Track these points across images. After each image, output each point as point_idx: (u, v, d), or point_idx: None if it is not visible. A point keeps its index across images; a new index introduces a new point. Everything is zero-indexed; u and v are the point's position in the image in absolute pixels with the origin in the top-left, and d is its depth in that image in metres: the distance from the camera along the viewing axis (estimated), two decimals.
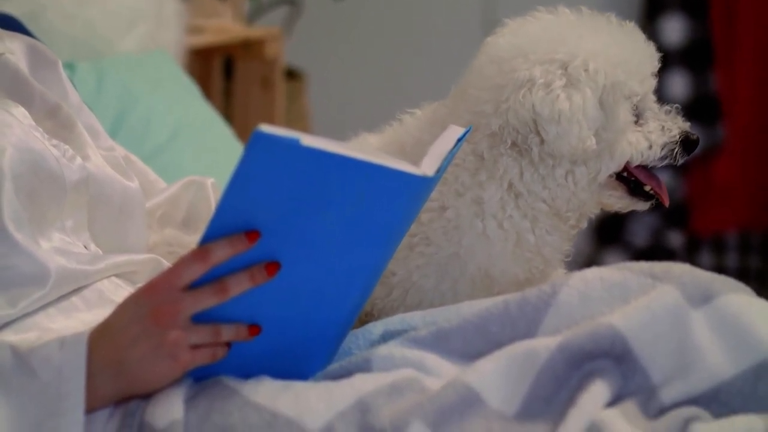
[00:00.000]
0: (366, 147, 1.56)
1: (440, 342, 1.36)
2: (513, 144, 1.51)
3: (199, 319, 1.29)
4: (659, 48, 1.56)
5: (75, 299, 1.44)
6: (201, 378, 1.34)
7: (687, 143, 1.54)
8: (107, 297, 1.45)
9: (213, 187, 1.73)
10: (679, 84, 3.84)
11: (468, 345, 1.35)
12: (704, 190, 3.91)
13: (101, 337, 1.31)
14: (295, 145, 1.22)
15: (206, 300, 1.28)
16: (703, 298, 1.32)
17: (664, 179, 1.58)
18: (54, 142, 1.49)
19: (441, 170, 1.31)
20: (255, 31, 3.35)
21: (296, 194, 1.25)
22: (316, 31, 4.00)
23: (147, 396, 1.33)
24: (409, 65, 4.05)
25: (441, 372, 1.33)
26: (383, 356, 1.35)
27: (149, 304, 1.29)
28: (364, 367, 1.34)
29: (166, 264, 1.54)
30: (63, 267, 1.42)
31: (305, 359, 1.36)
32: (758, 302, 1.33)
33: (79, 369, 1.29)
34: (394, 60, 4.08)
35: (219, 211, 1.26)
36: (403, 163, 1.28)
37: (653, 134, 1.53)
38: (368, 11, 4.08)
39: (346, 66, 4.09)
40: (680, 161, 1.54)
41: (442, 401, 1.27)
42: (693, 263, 1.37)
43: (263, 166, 1.23)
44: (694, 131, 1.55)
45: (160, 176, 1.78)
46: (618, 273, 1.36)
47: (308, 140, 1.22)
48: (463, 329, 1.35)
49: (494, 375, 1.29)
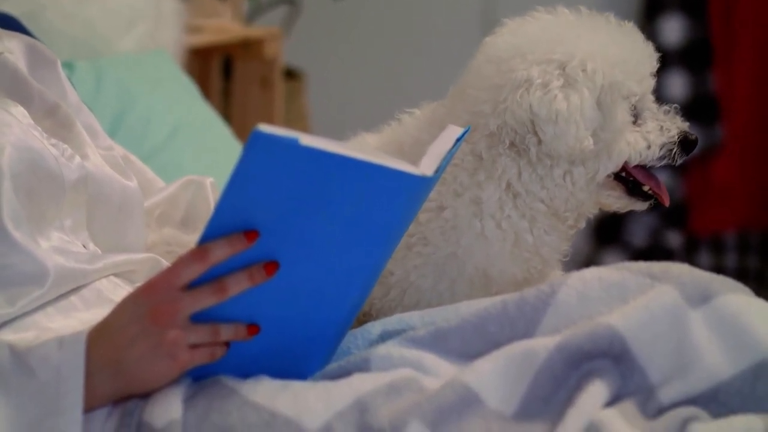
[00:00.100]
0: (365, 147, 1.55)
1: (439, 342, 1.36)
2: (511, 144, 1.51)
3: (198, 319, 1.29)
4: (658, 48, 1.56)
5: (74, 298, 1.44)
6: (200, 377, 1.34)
7: (686, 143, 1.54)
8: (106, 296, 1.45)
9: (212, 187, 1.73)
10: (678, 84, 3.84)
11: (466, 345, 1.35)
12: (703, 190, 3.91)
13: (100, 337, 1.31)
14: (294, 145, 1.21)
15: (205, 299, 1.28)
16: (702, 298, 1.32)
17: (663, 179, 1.58)
18: (53, 142, 1.49)
19: (440, 170, 1.31)
20: (254, 31, 3.34)
21: (295, 194, 1.25)
22: (315, 31, 4.00)
23: (145, 395, 1.33)
24: (409, 65, 4.05)
25: (439, 372, 1.33)
26: (382, 356, 1.35)
27: (148, 304, 1.29)
28: (363, 367, 1.34)
29: (165, 263, 1.54)
30: (62, 266, 1.42)
31: (304, 359, 1.36)
32: (757, 302, 1.33)
33: (78, 368, 1.29)
34: (394, 60, 4.08)
35: (218, 211, 1.26)
36: (402, 163, 1.28)
37: (651, 134, 1.53)
38: (367, 11, 4.07)
39: (345, 66, 4.09)
40: (679, 161, 1.54)
41: (441, 401, 1.27)
42: (692, 263, 1.37)
43: (262, 166, 1.23)
44: (693, 131, 1.55)
45: (159, 176, 1.78)
46: (616, 273, 1.36)
47: (307, 140, 1.22)
48: (462, 329, 1.35)
49: (493, 375, 1.29)
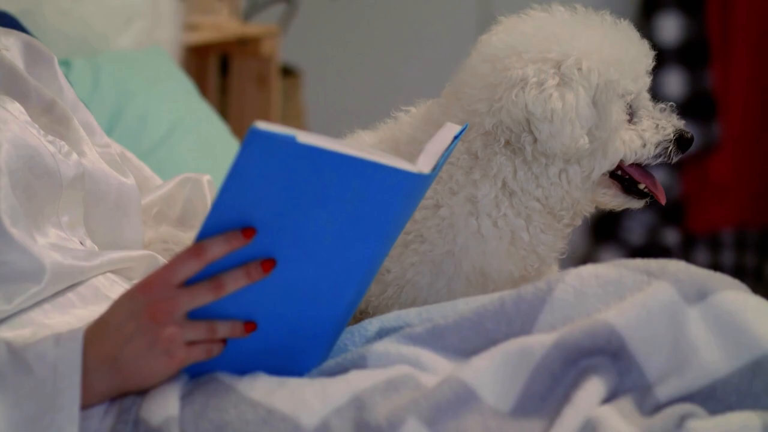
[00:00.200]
0: (361, 144, 1.56)
1: (436, 338, 1.36)
2: (507, 143, 1.51)
3: (195, 316, 1.29)
4: (655, 46, 1.56)
5: (70, 295, 1.44)
6: (197, 374, 1.34)
7: (681, 141, 1.54)
8: (103, 293, 1.45)
9: (209, 184, 1.73)
10: (675, 82, 3.84)
11: (464, 341, 1.35)
12: (700, 188, 3.91)
13: (97, 334, 1.31)
14: (291, 142, 1.22)
15: (202, 297, 1.28)
16: (699, 295, 1.32)
17: (659, 177, 1.58)
18: (50, 138, 1.49)
19: (437, 168, 1.31)
20: (251, 29, 3.34)
21: (292, 191, 1.25)
22: (312, 29, 4.00)
23: (142, 392, 1.33)
24: (405, 63, 4.05)
25: (436, 368, 1.33)
26: (379, 353, 1.35)
27: (145, 301, 1.29)
28: (360, 364, 1.34)
29: (162, 260, 1.55)
30: (58, 263, 1.42)
31: (301, 356, 1.36)
32: (754, 299, 1.33)
33: (75, 365, 1.29)
34: (390, 58, 4.08)
35: (215, 208, 1.26)
36: (400, 161, 1.28)
37: (647, 133, 1.53)
38: (364, 9, 4.07)
39: (342, 63, 4.09)
40: (674, 159, 1.54)
41: (438, 398, 1.27)
42: (689, 261, 1.37)
43: (259, 163, 1.23)
44: (689, 129, 1.55)
45: (156, 173, 1.78)
46: (613, 270, 1.36)
47: (304, 137, 1.22)
48: (459, 326, 1.35)
49: (490, 372, 1.29)
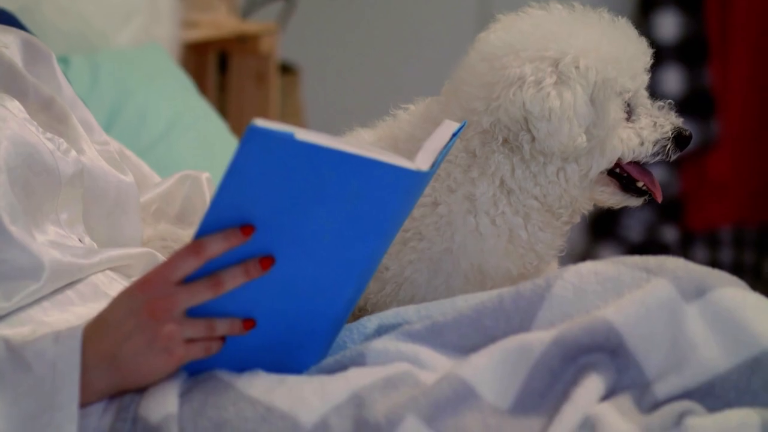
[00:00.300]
0: (360, 142, 1.56)
1: (435, 336, 1.36)
2: (504, 141, 1.51)
3: (194, 313, 1.29)
4: (653, 43, 1.56)
5: (69, 293, 1.44)
6: (196, 372, 1.34)
7: (679, 139, 1.54)
8: (102, 291, 1.45)
9: (208, 182, 1.73)
10: (674, 79, 3.84)
11: (462, 339, 1.35)
12: (698, 185, 3.91)
13: (96, 331, 1.31)
14: (290, 140, 1.22)
15: (201, 294, 1.28)
16: (697, 292, 1.32)
17: (658, 174, 1.58)
18: (48, 136, 1.49)
19: (436, 165, 1.31)
20: (249, 26, 3.34)
21: (291, 188, 1.25)
22: (311, 26, 4.00)
23: (141, 390, 1.33)
24: (404, 60, 4.05)
25: (435, 366, 1.33)
26: (378, 350, 1.35)
27: (144, 298, 1.29)
28: (359, 361, 1.34)
29: (161, 258, 1.54)
30: (57, 260, 1.42)
31: (300, 353, 1.36)
32: (752, 296, 1.33)
33: (74, 363, 1.29)
34: (389, 55, 4.08)
35: (214, 206, 1.26)
36: (398, 158, 1.28)
37: (645, 130, 1.53)
38: (362, 6, 4.07)
39: (341, 61, 4.09)
40: (673, 157, 1.54)
41: (437, 395, 1.27)
42: (687, 258, 1.37)
43: (258, 161, 1.23)
44: (687, 127, 1.55)
45: (155, 170, 1.78)
46: (612, 267, 1.36)
47: (303, 134, 1.22)
48: (458, 323, 1.35)
49: (488, 369, 1.29)
